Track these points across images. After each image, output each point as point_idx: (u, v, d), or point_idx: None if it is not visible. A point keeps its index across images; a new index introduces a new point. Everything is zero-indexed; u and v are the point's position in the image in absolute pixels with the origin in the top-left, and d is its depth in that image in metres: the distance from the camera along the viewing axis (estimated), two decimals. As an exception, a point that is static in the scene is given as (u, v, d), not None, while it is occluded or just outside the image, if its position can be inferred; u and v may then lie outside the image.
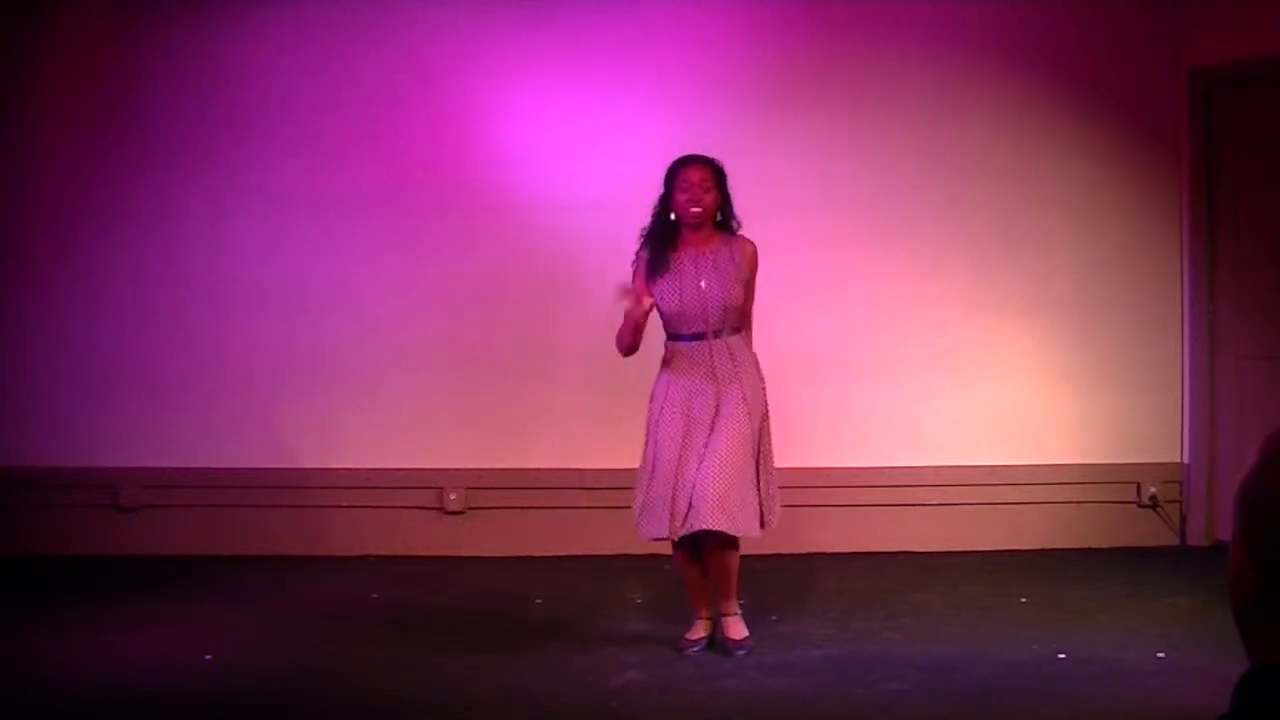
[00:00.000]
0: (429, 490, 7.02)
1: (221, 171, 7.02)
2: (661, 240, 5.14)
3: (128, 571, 6.56)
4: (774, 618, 5.61)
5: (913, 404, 7.07)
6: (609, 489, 6.54)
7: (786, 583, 6.17)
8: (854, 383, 7.02)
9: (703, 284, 5.08)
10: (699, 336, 5.12)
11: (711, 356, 5.09)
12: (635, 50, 7.06)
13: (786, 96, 7.01)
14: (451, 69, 7.03)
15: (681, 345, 5.15)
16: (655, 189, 5.27)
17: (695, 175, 5.11)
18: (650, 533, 5.12)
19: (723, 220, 5.19)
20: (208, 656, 5.14)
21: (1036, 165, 7.10)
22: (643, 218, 5.28)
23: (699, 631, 5.27)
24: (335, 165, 7.02)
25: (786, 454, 5.35)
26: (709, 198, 5.10)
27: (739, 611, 5.25)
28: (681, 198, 5.10)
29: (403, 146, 7.03)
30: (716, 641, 5.23)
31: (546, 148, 7.00)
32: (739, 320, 5.19)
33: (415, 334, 7.04)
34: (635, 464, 5.29)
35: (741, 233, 5.21)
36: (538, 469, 6.99)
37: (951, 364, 7.08)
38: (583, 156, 6.99)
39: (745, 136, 5.32)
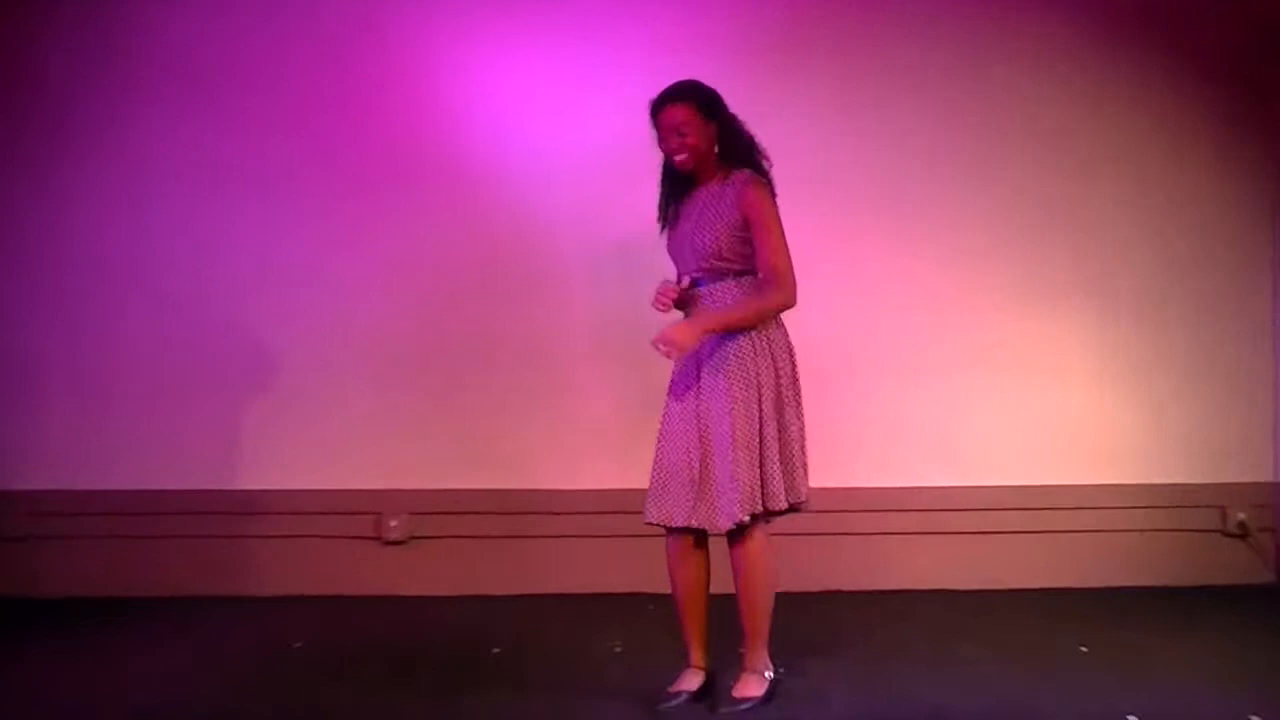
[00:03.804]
0: (365, 516, 6.49)
1: (139, 148, 6.43)
2: (669, 184, 4.84)
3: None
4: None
5: (947, 412, 6.63)
6: (581, 514, 6.31)
7: (799, 627, 5.60)
8: (877, 389, 6.59)
9: (688, 226, 4.73)
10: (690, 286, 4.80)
11: (689, 309, 4.73)
12: (621, 5, 6.58)
13: (789, 52, 6.55)
14: (409, 24, 6.48)
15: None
16: (634, 167, 4.92)
17: (667, 119, 4.64)
18: (650, 516, 4.73)
19: (728, 153, 4.68)
20: None
21: (1093, 126, 6.64)
22: (614, 195, 5.46)
23: (686, 683, 4.70)
24: (271, 139, 6.45)
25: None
26: (690, 140, 4.65)
27: (759, 669, 4.67)
28: (663, 148, 4.71)
29: (348, 114, 6.48)
30: (714, 693, 4.70)
31: (517, 118, 6.48)
32: (726, 268, 4.69)
33: (348, 330, 6.52)
34: (611, 484, 5.49)
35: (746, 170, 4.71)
36: (494, 490, 6.49)
37: (993, 365, 6.65)
38: (558, 126, 6.48)
39: (740, 101, 4.77)
